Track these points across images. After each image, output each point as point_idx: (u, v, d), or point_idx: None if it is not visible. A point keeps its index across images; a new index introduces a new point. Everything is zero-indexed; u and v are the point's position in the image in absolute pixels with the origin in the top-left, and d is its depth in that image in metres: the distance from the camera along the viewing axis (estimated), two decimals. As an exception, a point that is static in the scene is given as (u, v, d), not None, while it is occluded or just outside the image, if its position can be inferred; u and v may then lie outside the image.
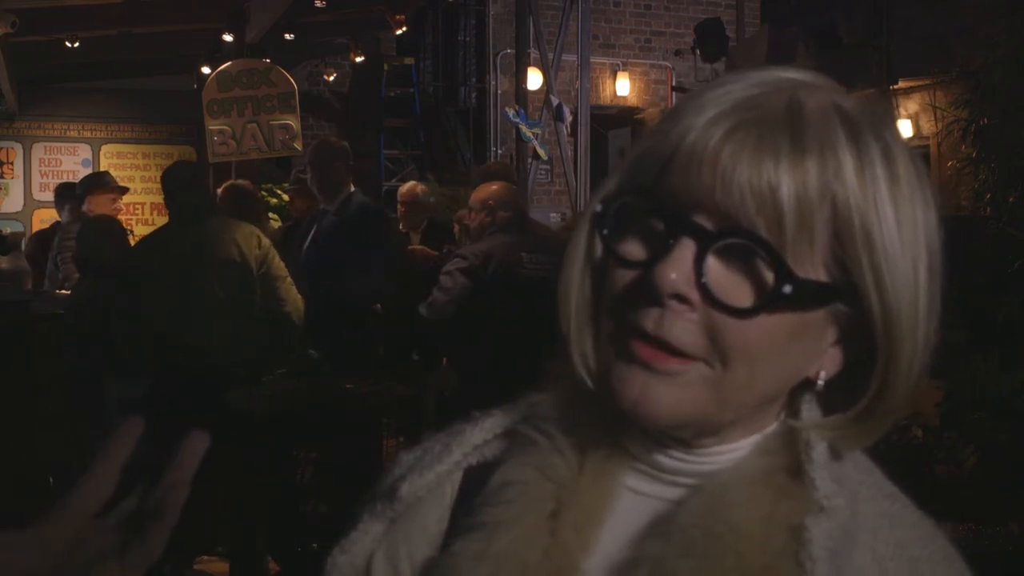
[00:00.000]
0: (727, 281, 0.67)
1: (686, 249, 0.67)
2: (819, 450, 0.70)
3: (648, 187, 0.70)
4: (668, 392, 0.68)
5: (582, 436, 0.76)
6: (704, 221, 0.67)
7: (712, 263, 0.67)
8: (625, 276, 0.70)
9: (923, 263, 0.69)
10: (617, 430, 0.74)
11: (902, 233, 0.68)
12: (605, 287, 0.72)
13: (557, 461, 0.75)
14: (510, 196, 4.10)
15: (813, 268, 0.67)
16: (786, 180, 0.65)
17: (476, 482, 0.79)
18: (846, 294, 0.68)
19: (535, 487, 0.74)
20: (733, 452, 0.73)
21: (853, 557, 0.69)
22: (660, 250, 0.67)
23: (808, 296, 0.67)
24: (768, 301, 0.66)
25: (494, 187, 4.12)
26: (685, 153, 0.68)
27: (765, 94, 0.69)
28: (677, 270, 0.66)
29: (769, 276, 0.66)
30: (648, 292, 0.68)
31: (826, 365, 0.72)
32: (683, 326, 0.67)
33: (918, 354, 0.70)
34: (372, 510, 0.83)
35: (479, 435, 0.81)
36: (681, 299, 0.67)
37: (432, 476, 0.81)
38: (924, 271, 0.69)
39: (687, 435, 0.72)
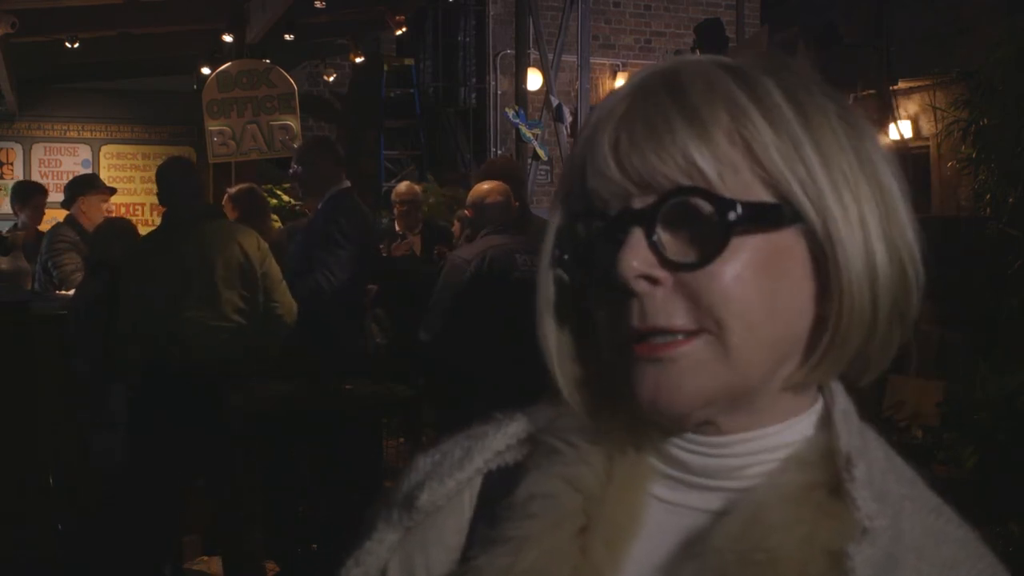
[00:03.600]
0: (683, 242, 0.68)
1: (635, 235, 0.68)
2: (860, 468, 0.68)
3: (584, 208, 0.72)
4: (681, 378, 0.68)
5: (607, 444, 0.74)
6: (639, 204, 0.68)
7: (663, 235, 0.68)
8: (600, 296, 0.71)
9: (865, 188, 0.69)
10: (642, 434, 0.73)
11: (824, 155, 0.68)
12: (585, 322, 0.73)
13: (584, 471, 0.73)
14: (503, 196, 4.01)
15: (756, 195, 0.67)
16: (684, 136, 0.67)
17: (497, 489, 0.77)
18: (792, 214, 0.68)
19: (563, 500, 0.72)
20: (761, 440, 0.72)
21: None
22: (614, 250, 0.68)
23: (756, 217, 0.67)
24: (722, 235, 0.66)
25: (486, 186, 4.04)
26: (594, 158, 0.70)
27: (646, 78, 0.72)
28: (635, 256, 0.67)
29: (715, 218, 0.67)
30: (621, 291, 0.68)
31: None
32: (664, 305, 0.67)
33: (880, 275, 0.69)
34: (388, 518, 0.81)
35: (501, 440, 0.79)
36: (650, 280, 0.67)
37: (452, 484, 0.78)
38: (868, 195, 0.69)
39: (718, 415, 0.71)
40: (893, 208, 0.70)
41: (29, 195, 6.39)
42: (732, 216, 0.66)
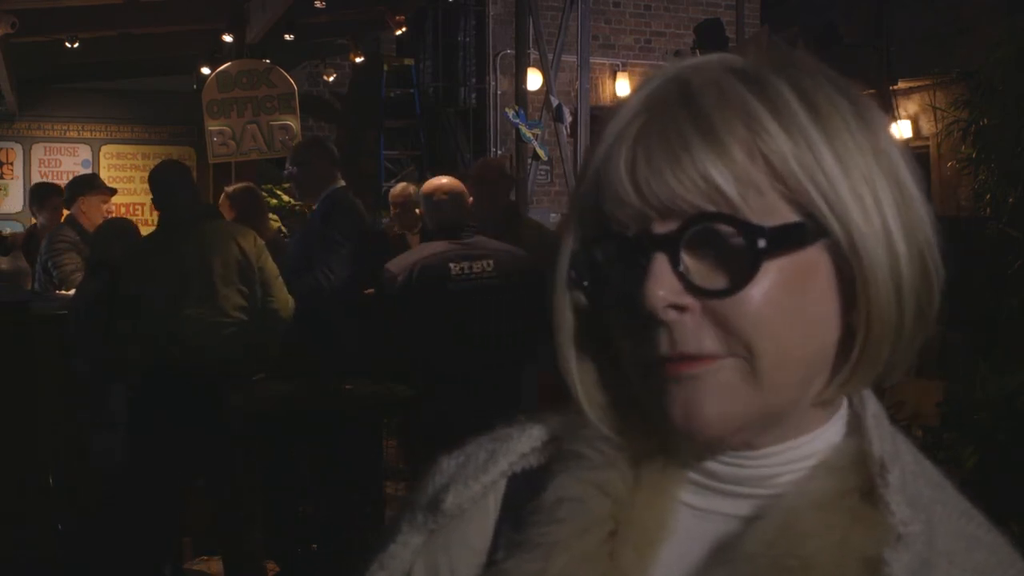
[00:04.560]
0: (709, 268, 0.66)
1: (659, 262, 0.66)
2: (895, 474, 0.67)
3: (601, 231, 0.70)
4: (710, 399, 0.67)
5: (634, 449, 0.74)
6: (660, 229, 0.67)
7: (689, 261, 0.66)
8: (622, 321, 0.70)
9: (884, 186, 0.68)
10: (670, 440, 0.72)
11: (842, 158, 0.67)
12: (608, 344, 0.72)
13: (613, 476, 0.73)
14: (447, 195, 3.91)
15: (781, 216, 0.66)
16: (702, 155, 0.65)
17: (521, 492, 0.76)
18: (817, 229, 0.67)
19: (592, 504, 0.72)
20: (792, 451, 0.71)
21: None
22: (638, 277, 0.67)
23: (783, 240, 0.65)
24: (752, 262, 0.65)
25: (434, 183, 3.99)
26: (610, 181, 0.68)
27: (656, 89, 0.70)
28: (661, 285, 0.66)
29: (741, 243, 0.65)
30: (647, 320, 0.67)
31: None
32: (693, 333, 0.66)
33: (904, 278, 0.68)
34: (412, 520, 0.80)
35: (526, 443, 0.78)
36: (678, 308, 0.66)
37: (478, 487, 0.77)
38: (888, 193, 0.68)
39: (750, 437, 0.70)
40: (911, 204, 0.69)
41: (47, 197, 6.39)
42: (761, 243, 0.65)
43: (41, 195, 6.46)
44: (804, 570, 0.65)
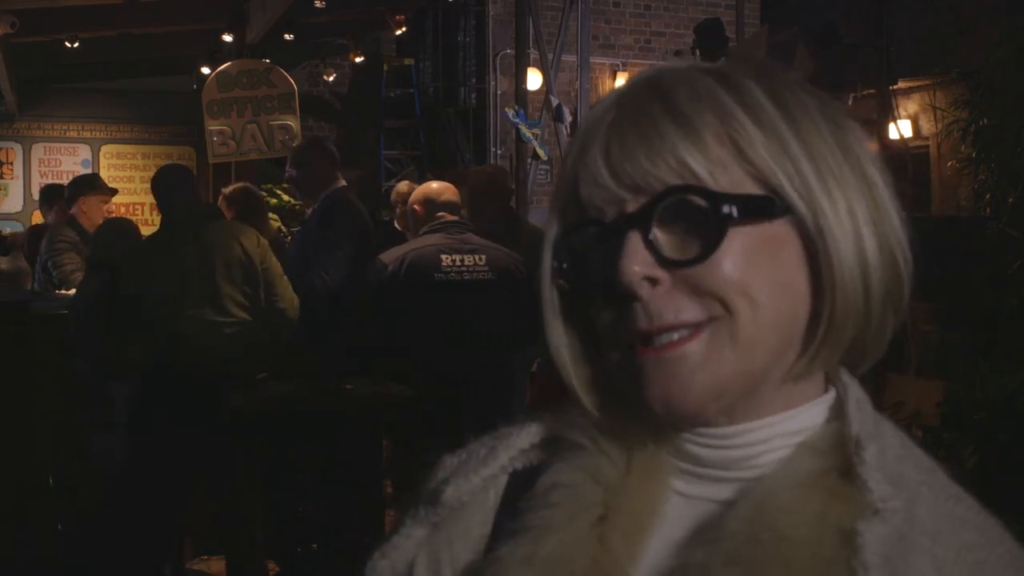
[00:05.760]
0: (679, 240, 0.69)
1: (633, 239, 0.69)
2: (871, 451, 0.69)
3: (580, 218, 0.73)
4: (691, 375, 0.69)
5: (627, 438, 0.76)
6: (632, 208, 0.70)
7: (660, 235, 0.69)
8: (602, 302, 0.72)
9: (851, 179, 0.70)
10: (656, 430, 0.74)
11: (810, 150, 0.70)
12: (592, 327, 0.74)
13: (604, 463, 0.75)
14: (444, 197, 4.03)
15: (747, 190, 0.69)
16: (674, 139, 0.69)
17: (521, 486, 0.78)
18: (783, 206, 0.69)
19: (583, 490, 0.73)
20: (770, 428, 0.72)
21: (910, 562, 0.67)
22: (613, 256, 0.69)
23: (749, 208, 0.68)
24: (718, 228, 0.67)
25: (434, 186, 4.11)
26: (587, 168, 0.72)
27: (629, 87, 0.74)
28: (636, 260, 0.68)
29: (709, 213, 0.68)
30: (625, 297, 0.69)
31: None
32: (669, 303, 0.69)
33: (871, 265, 0.70)
34: (414, 514, 0.82)
35: (525, 439, 0.80)
36: (652, 281, 0.68)
37: (477, 480, 0.80)
38: (855, 186, 0.70)
39: (727, 408, 0.71)
40: (879, 199, 0.72)
41: (57, 198, 6.39)
42: (727, 209, 0.67)
43: (51, 196, 6.47)
44: (779, 542, 0.66)
